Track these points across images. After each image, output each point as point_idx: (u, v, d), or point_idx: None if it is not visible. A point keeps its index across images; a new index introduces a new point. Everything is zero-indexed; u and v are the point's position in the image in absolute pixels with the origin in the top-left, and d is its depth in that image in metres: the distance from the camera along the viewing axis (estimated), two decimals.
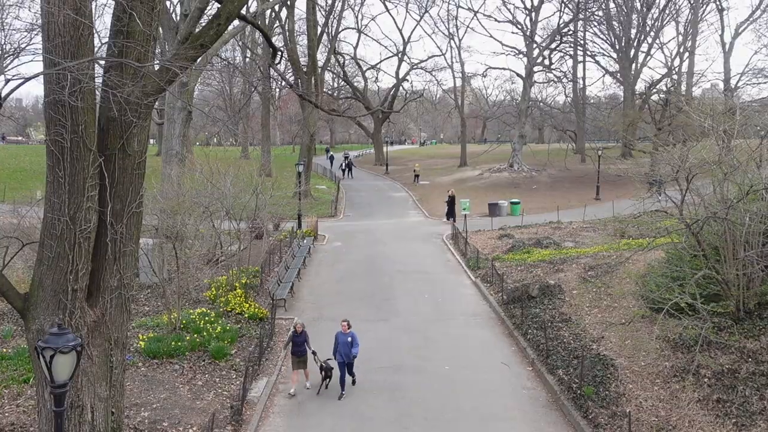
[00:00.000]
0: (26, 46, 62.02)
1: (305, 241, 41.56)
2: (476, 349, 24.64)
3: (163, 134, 41.98)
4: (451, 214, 52.78)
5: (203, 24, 17.83)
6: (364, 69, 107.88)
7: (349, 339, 20.85)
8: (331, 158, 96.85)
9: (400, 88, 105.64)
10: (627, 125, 72.15)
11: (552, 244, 38.57)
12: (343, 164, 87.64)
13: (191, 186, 32.91)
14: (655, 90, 76.30)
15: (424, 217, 56.37)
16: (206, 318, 25.31)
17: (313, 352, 21.13)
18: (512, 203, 56.23)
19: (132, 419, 17.95)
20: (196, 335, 23.68)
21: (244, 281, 30.48)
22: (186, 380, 21.01)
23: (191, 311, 26.27)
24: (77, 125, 12.68)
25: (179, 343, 22.74)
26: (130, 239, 14.05)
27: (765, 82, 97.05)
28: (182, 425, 18.02)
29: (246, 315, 27.09)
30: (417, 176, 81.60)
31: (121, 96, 12.86)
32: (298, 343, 21.12)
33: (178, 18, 36.51)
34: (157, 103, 16.57)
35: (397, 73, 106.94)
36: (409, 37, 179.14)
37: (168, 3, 55.47)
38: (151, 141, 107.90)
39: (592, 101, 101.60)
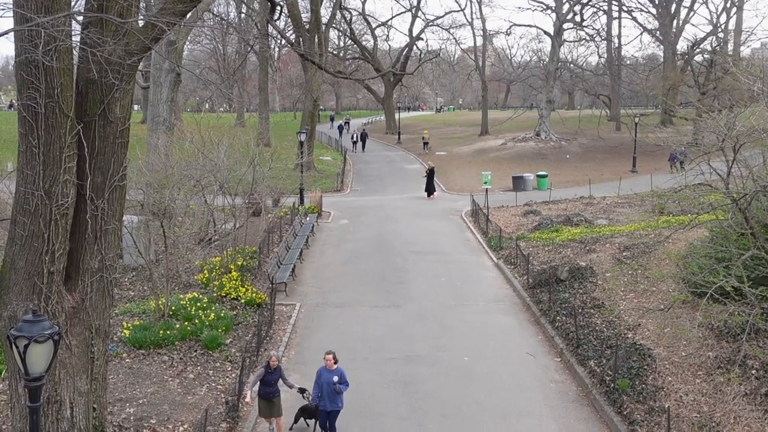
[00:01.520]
0: None
1: (308, 219, 41.57)
2: (498, 338, 24.64)
3: (149, 99, 41.95)
4: (429, 188, 52.92)
5: None
6: (374, 26, 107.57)
7: (336, 378, 17.39)
8: (340, 128, 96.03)
9: (414, 47, 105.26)
10: (667, 89, 71.66)
11: (583, 221, 38.45)
12: (355, 135, 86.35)
13: (180, 157, 32.88)
14: (698, 50, 75.64)
15: (441, 192, 56.27)
16: (198, 304, 25.38)
17: (301, 390, 18.18)
18: (539, 176, 56.04)
19: (116, 416, 18.03)
20: (186, 323, 23.75)
21: (240, 263, 30.53)
22: (176, 373, 21.09)
23: (181, 296, 26.34)
24: (52, 88, 12.63)
25: (168, 332, 22.81)
26: (112, 216, 14.03)
27: None
28: (172, 422, 18.10)
29: (242, 300, 27.15)
30: (426, 144, 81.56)
31: (102, 55, 12.79)
32: (270, 383, 17.81)
33: None
34: (141, 64, 16.50)
35: (410, 30, 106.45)
36: None
37: None
38: (136, 107, 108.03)
39: (628, 62, 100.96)
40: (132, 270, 30.57)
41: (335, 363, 17.54)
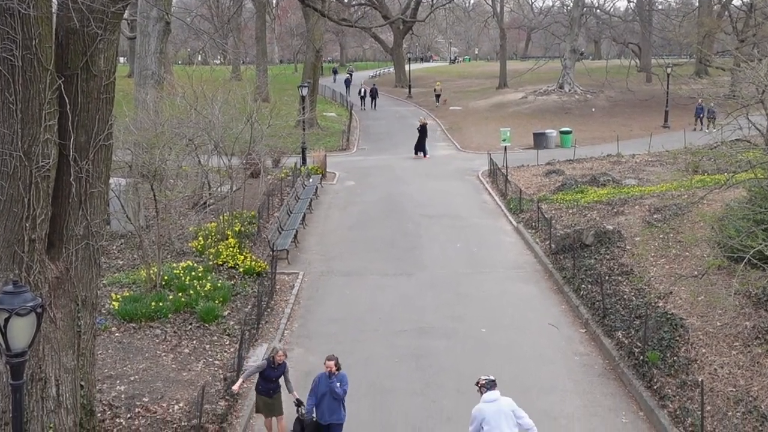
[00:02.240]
0: None
1: (311, 180, 41.55)
2: (518, 308, 24.69)
3: (136, 51, 41.75)
4: (420, 146, 52.88)
5: None
6: None
7: (337, 384, 15.83)
8: (347, 81, 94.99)
9: None
10: (702, 37, 71.05)
11: (610, 181, 38.35)
12: (363, 89, 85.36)
13: (171, 114, 32.78)
14: None
15: (456, 150, 56.17)
16: (193, 273, 25.46)
17: (298, 403, 16.46)
18: (562, 133, 55.84)
19: (105, 394, 18.17)
20: (180, 294, 23.84)
21: (237, 229, 30.57)
22: (169, 347, 21.21)
23: (174, 265, 26.42)
24: (30, 39, 12.55)
25: (161, 304, 22.91)
26: (98, 178, 14.01)
27: None
28: (166, 400, 18.22)
29: (241, 269, 27.23)
30: (438, 96, 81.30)
31: (83, 2, 12.70)
32: (271, 379, 16.82)
33: None
34: (127, 12, 16.40)
35: None
36: None
37: None
38: (122, 59, 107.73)
39: (660, 7, 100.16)
40: (120, 237, 30.64)
41: (337, 369, 15.73)
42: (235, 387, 17.03)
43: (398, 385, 19.72)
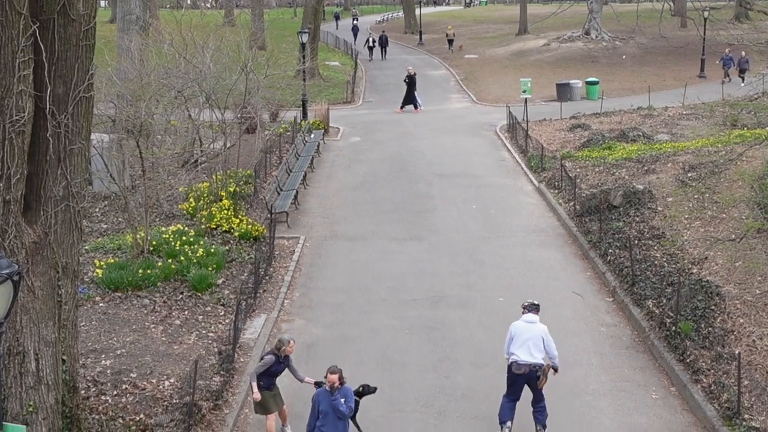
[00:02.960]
0: None
1: (313, 136, 41.45)
2: (540, 275, 24.70)
3: None
4: (409, 100, 52.72)
5: None
6: None
7: (342, 400, 14.80)
8: (355, 29, 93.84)
9: None
10: None
11: (641, 136, 38.20)
12: (371, 38, 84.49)
13: (158, 63, 32.67)
14: None
15: (471, 103, 55.97)
16: (183, 238, 25.49)
17: (318, 384, 15.87)
18: (588, 83, 55.52)
19: (90, 369, 18.25)
20: (170, 260, 23.89)
21: (232, 189, 30.56)
22: (159, 319, 21.28)
23: (163, 229, 26.46)
24: None
25: (149, 271, 22.96)
26: (78, 134, 13.96)
27: None
28: (155, 376, 18.31)
29: (236, 233, 27.27)
30: (451, 42, 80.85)
31: None
32: (277, 373, 16.55)
33: None
34: None
35: None
36: None
37: None
38: (103, 3, 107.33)
39: None
40: (104, 198, 30.67)
41: (341, 383, 14.79)
42: (256, 395, 16.19)
43: (408, 359, 19.79)
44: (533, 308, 16.72)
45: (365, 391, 16.42)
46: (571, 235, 28.05)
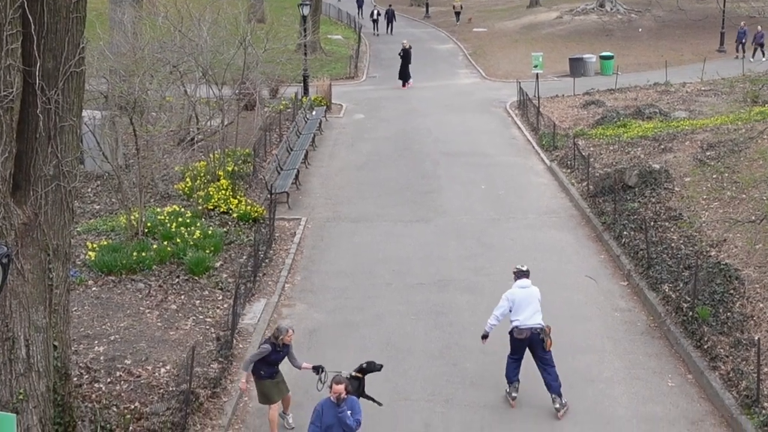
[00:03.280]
0: None
1: (314, 113, 41.39)
2: (551, 259, 24.68)
3: None
4: (404, 75, 52.66)
5: None
6: None
7: (348, 412, 14.12)
8: (360, 2, 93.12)
9: None
10: None
11: (657, 113, 38.11)
12: (376, 11, 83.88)
13: (152, 36, 32.61)
14: None
15: (480, 78, 55.83)
16: (179, 219, 25.49)
17: (317, 369, 16.39)
18: (602, 58, 55.36)
19: (82, 355, 18.29)
20: (166, 242, 23.89)
21: (230, 169, 30.54)
22: (154, 303, 21.31)
23: (158, 210, 26.47)
24: None
25: (143, 254, 22.97)
26: (69, 111, 13.95)
27: None
28: (151, 362, 18.35)
29: (234, 215, 27.27)
30: (458, 14, 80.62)
31: None
32: (275, 362, 16.38)
33: None
34: None
35: None
36: None
37: None
38: None
39: None
40: (96, 178, 30.65)
41: (347, 393, 14.12)
42: (242, 384, 16.52)
43: (414, 345, 19.82)
44: (525, 274, 17.81)
45: (370, 368, 16.44)
46: (584, 216, 28.01)
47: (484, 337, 17.76)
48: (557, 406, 17.01)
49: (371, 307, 21.89)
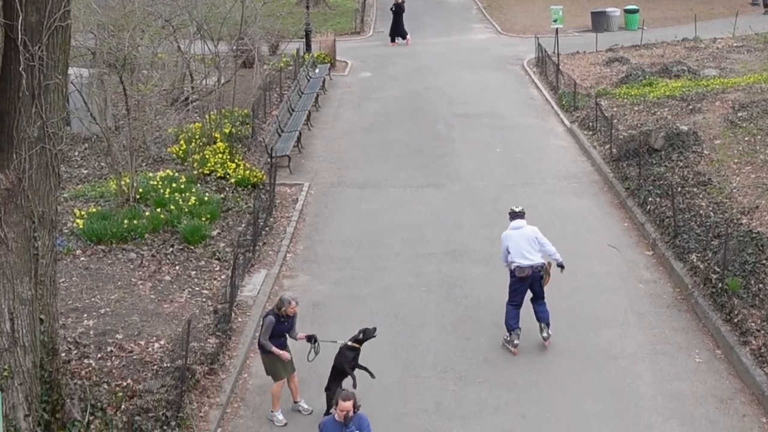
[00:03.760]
0: None
1: (318, 71, 41.31)
2: (571, 227, 24.65)
3: None
4: (396, 31, 52.50)
5: None
6: None
7: None
8: None
9: None
10: None
11: (686, 72, 37.97)
12: None
13: None
14: None
15: (495, 33, 55.63)
16: (173, 185, 25.49)
17: (311, 339, 16.67)
18: (627, 11, 55.10)
19: (71, 330, 18.31)
20: (159, 209, 23.89)
21: (227, 131, 30.51)
22: (147, 274, 21.33)
23: (151, 175, 26.45)
24: None
25: (135, 222, 22.96)
26: (54, 68, 13.90)
27: None
28: (144, 337, 18.37)
29: (232, 180, 27.28)
30: None
31: None
32: (282, 333, 16.49)
33: None
34: None
35: None
36: None
37: None
38: None
39: None
40: (84, 141, 30.64)
41: (355, 409, 13.26)
42: (284, 354, 16.15)
43: (425, 319, 19.84)
44: (518, 215, 18.93)
45: (366, 336, 16.47)
46: (606, 181, 27.96)
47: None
48: (545, 335, 18.44)
49: (379, 279, 21.90)
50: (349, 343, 16.37)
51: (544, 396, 16.86)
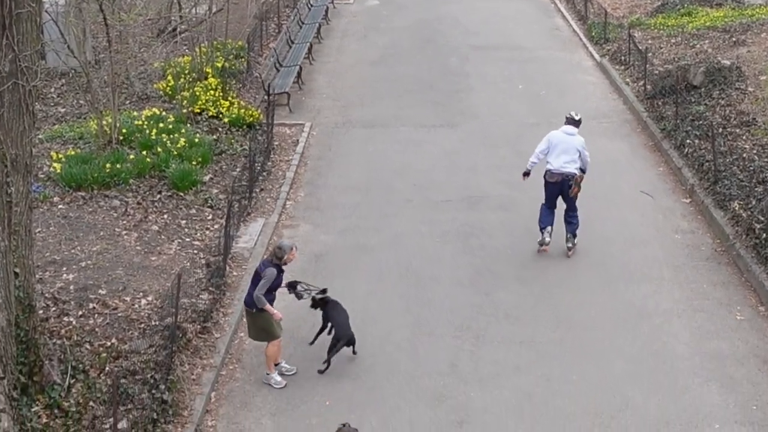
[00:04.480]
0: None
1: None
2: (601, 171, 24.54)
3: None
4: None
5: None
6: None
7: None
8: None
9: None
10: None
11: None
12: None
13: None
14: None
15: None
16: (161, 124, 25.42)
17: (292, 286, 17.12)
18: None
19: (48, 284, 18.33)
20: (145, 152, 23.85)
21: (220, 65, 30.45)
22: (132, 223, 21.32)
23: (135, 114, 26.42)
24: None
25: (118, 165, 22.93)
26: None
27: None
28: (129, 293, 18.39)
29: (225, 119, 27.24)
30: None
31: None
32: (279, 285, 16.57)
33: None
34: None
35: None
36: None
37: None
38: None
39: None
40: (61, 76, 30.57)
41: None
42: (277, 314, 16.17)
43: (440, 272, 19.88)
44: (573, 122, 20.33)
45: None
46: (640, 121, 27.92)
47: (526, 174, 20.68)
48: (569, 245, 20.18)
49: (388, 228, 21.91)
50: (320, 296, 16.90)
51: (570, 356, 16.90)
